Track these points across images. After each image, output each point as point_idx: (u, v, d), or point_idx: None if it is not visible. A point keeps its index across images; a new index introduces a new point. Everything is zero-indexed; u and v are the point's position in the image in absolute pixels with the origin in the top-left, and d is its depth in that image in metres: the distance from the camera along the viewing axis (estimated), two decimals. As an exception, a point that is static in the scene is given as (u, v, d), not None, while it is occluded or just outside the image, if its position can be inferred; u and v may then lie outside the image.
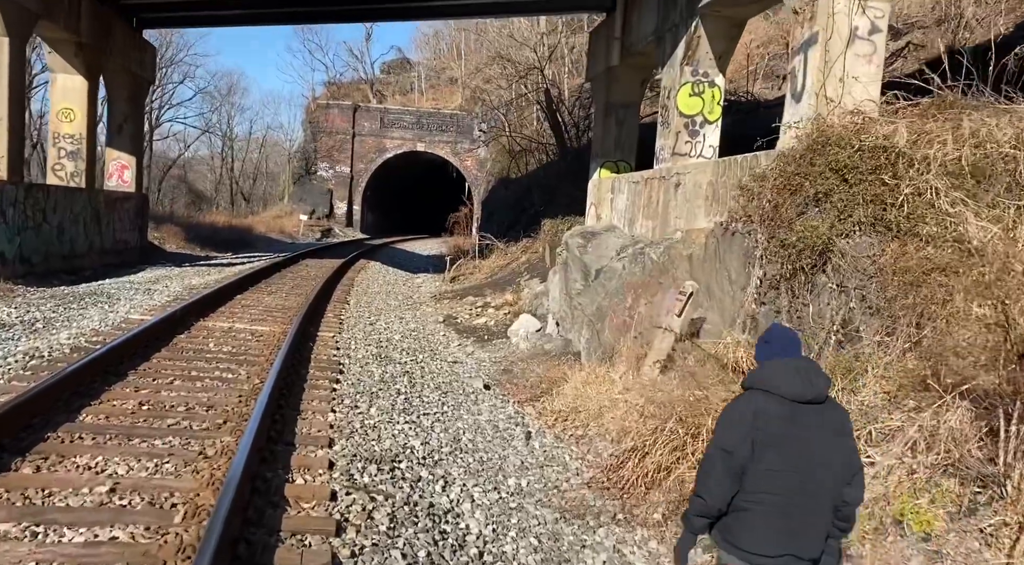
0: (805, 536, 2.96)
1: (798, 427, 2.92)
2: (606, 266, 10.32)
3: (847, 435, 3.06)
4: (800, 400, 2.92)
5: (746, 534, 2.96)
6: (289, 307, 11.59)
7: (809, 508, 2.94)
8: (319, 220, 43.47)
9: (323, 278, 16.11)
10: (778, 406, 2.92)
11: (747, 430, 2.91)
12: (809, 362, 3.09)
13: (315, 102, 51.18)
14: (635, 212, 11.56)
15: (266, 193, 68.64)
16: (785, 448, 2.90)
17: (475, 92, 46.77)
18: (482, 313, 14.32)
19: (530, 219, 21.80)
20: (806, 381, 2.95)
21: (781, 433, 2.90)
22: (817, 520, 2.98)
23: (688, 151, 11.42)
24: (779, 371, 2.97)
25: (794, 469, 2.91)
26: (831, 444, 2.97)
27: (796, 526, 2.93)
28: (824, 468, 2.94)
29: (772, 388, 2.95)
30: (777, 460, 2.90)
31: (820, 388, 2.97)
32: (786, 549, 2.93)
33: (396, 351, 9.77)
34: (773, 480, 2.91)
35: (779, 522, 2.92)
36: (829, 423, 2.98)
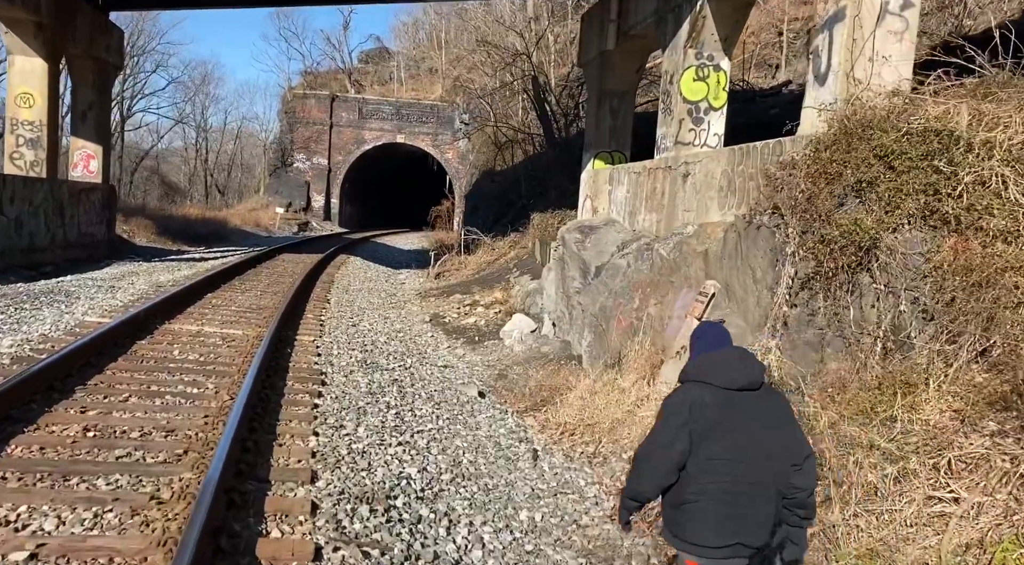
0: (751, 525, 2.94)
1: (734, 415, 2.92)
2: (608, 263, 9.59)
3: (788, 421, 3.06)
4: (734, 387, 2.93)
5: (691, 526, 2.94)
6: (265, 307, 10.74)
7: (752, 496, 2.93)
8: (296, 213, 42.39)
9: (301, 274, 15.24)
10: (713, 396, 2.92)
11: (683, 422, 2.90)
12: (742, 351, 3.11)
13: (291, 92, 50.01)
14: (637, 205, 10.83)
15: (241, 185, 67.32)
16: (723, 437, 2.90)
17: (456, 82, 45.93)
18: (471, 312, 13.55)
19: (517, 213, 21.03)
20: (739, 369, 2.96)
21: (717, 422, 2.90)
22: (762, 508, 2.96)
23: (692, 140, 10.71)
24: (712, 361, 2.99)
25: (734, 457, 2.90)
26: (770, 431, 2.97)
27: (741, 515, 2.92)
28: (765, 455, 2.94)
29: (706, 378, 2.96)
30: (716, 449, 2.89)
31: (754, 374, 2.97)
32: (732, 538, 2.91)
33: (382, 356, 8.98)
34: (714, 470, 2.90)
35: (723, 512, 2.91)
36: (767, 410, 2.99)
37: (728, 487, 2.90)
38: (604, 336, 8.90)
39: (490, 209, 23.39)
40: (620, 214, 11.44)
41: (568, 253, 10.97)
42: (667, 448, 2.91)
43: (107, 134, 20.82)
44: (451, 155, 46.49)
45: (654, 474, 2.96)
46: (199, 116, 62.09)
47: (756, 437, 2.93)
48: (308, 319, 10.16)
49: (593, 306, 9.49)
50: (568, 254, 10.96)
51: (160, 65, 60.12)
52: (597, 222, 11.45)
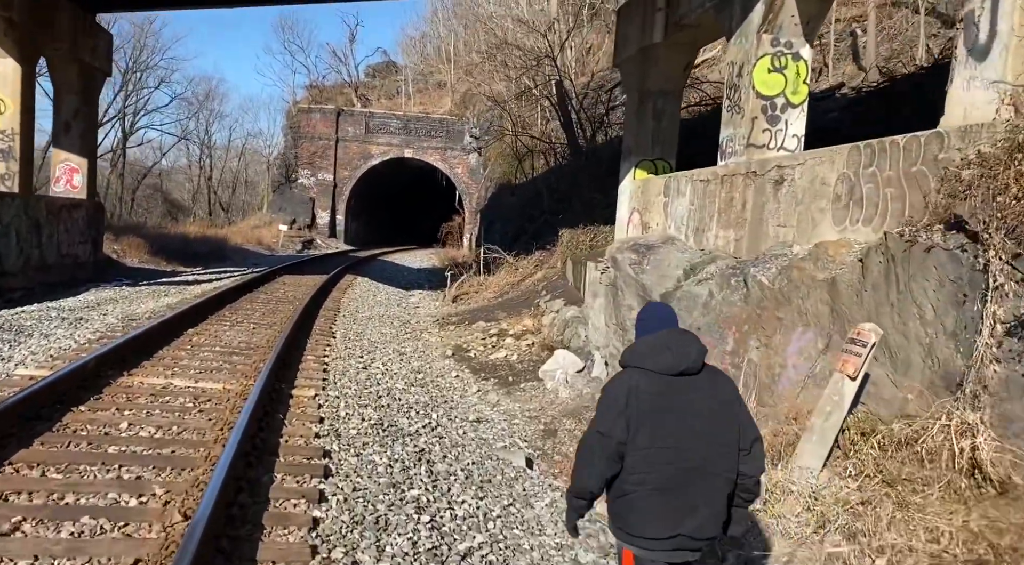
0: (696, 516, 2.78)
1: (673, 401, 2.80)
2: (680, 290, 7.72)
3: (732, 403, 2.90)
4: (672, 373, 2.81)
5: (633, 518, 2.82)
6: (256, 347, 8.86)
7: (696, 485, 2.77)
8: (300, 230, 40.68)
9: (303, 300, 13.40)
10: (649, 382, 2.81)
11: (621, 409, 2.78)
12: (682, 333, 2.95)
13: (296, 106, 48.43)
14: (705, 219, 8.98)
15: (245, 203, 65.93)
16: (660, 424, 2.78)
17: (466, 96, 44.45)
18: (499, 344, 11.68)
19: (539, 228, 19.20)
20: (676, 353, 2.83)
21: (655, 408, 2.78)
22: (707, 498, 2.80)
23: (767, 141, 8.90)
24: (651, 345, 2.87)
25: (671, 445, 2.77)
26: (713, 415, 2.84)
27: (684, 505, 2.77)
28: (707, 441, 2.80)
29: (644, 363, 2.84)
30: (653, 437, 2.77)
31: (692, 358, 2.83)
32: (674, 530, 2.77)
33: (402, 412, 7.10)
34: (653, 458, 2.77)
35: (664, 502, 2.77)
36: (709, 394, 2.87)
37: (667, 476, 2.77)
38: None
39: (509, 224, 21.60)
40: (681, 230, 9.59)
41: (622, 277, 9.11)
42: (606, 437, 2.79)
43: (93, 146, 19.12)
44: (461, 169, 44.93)
45: (595, 466, 2.82)
46: (203, 133, 60.56)
47: (696, 423, 2.80)
48: (308, 362, 8.28)
49: (663, 345, 7.63)
50: (622, 278, 9.11)
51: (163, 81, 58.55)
52: (653, 240, 9.61)
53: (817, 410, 4.74)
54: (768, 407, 5.96)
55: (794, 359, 5.95)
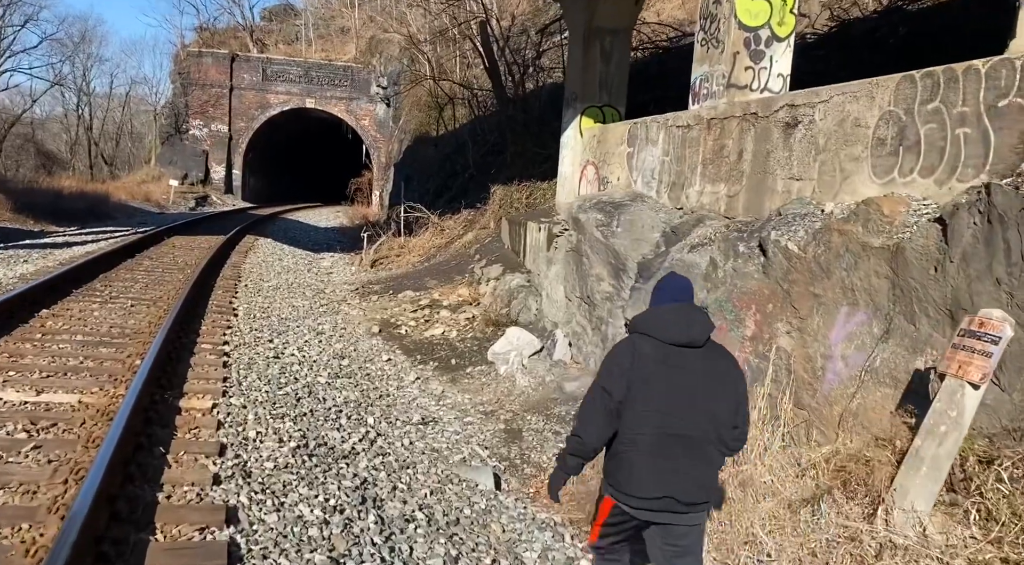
0: (684, 479, 2.86)
1: (673, 369, 2.87)
2: (671, 260, 6.34)
3: (732, 381, 2.98)
4: (676, 343, 2.88)
5: (624, 475, 2.90)
6: (133, 332, 6.95)
7: (685, 451, 2.86)
8: (193, 186, 37.38)
9: (196, 267, 11.38)
10: (653, 348, 2.88)
11: (625, 370, 2.87)
12: (692, 307, 3.04)
13: (185, 50, 44.16)
14: (684, 172, 7.62)
15: (132, 156, 60.86)
16: (658, 389, 2.85)
17: (372, 44, 41.71)
18: (433, 317, 10.10)
19: (465, 185, 17.53)
20: (683, 325, 2.90)
21: (653, 374, 2.85)
22: (694, 463, 2.88)
23: (749, 81, 7.59)
24: (659, 315, 2.95)
25: (666, 411, 2.85)
26: (711, 389, 2.91)
27: (673, 467, 2.85)
28: (701, 411, 2.88)
29: (650, 331, 2.92)
30: (651, 400, 2.85)
31: (696, 332, 2.91)
32: (664, 491, 2.84)
33: (330, 420, 5.48)
34: (645, 421, 2.85)
35: (655, 463, 2.85)
36: (708, 368, 2.93)
37: (657, 440, 2.84)
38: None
39: (429, 180, 19.80)
40: (652, 186, 8.20)
41: (588, 241, 7.68)
42: (607, 394, 2.87)
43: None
44: (367, 121, 42.40)
45: (597, 421, 2.90)
46: (80, 79, 54.95)
47: (691, 393, 2.87)
48: (204, 353, 6.44)
49: (651, 325, 6.27)
50: (588, 242, 7.67)
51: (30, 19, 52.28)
52: (618, 197, 8.19)
53: (924, 430, 3.46)
54: (811, 410, 4.70)
55: (842, 348, 4.69)
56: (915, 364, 4.30)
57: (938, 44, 10.88)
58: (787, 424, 4.73)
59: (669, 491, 2.83)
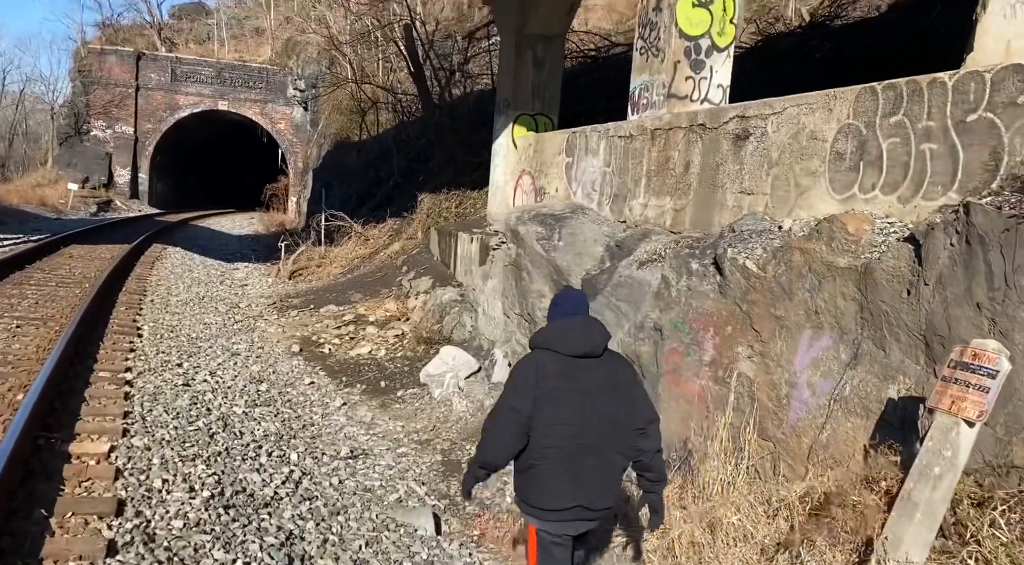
0: (592, 487, 2.94)
1: (575, 381, 2.93)
2: (619, 276, 6.00)
3: (630, 386, 3.07)
4: (575, 355, 2.93)
5: (535, 490, 2.94)
6: (16, 358, 6.07)
7: (592, 459, 2.93)
8: (95, 190, 35.22)
9: (96, 280, 10.42)
10: (555, 362, 2.93)
11: (531, 387, 2.90)
12: (588, 319, 3.08)
13: (86, 47, 41.65)
14: (627, 184, 7.32)
15: (26, 157, 57.21)
16: (561, 402, 2.90)
17: (288, 45, 40.45)
18: (358, 334, 9.50)
19: (390, 192, 16.92)
20: (581, 337, 2.96)
21: (558, 387, 2.90)
22: (603, 471, 2.97)
23: (689, 91, 7.41)
24: (559, 329, 3.01)
25: (573, 421, 2.90)
26: (611, 396, 2.97)
27: (581, 477, 2.92)
28: (604, 419, 2.94)
29: (552, 345, 2.96)
30: (554, 414, 2.89)
31: (595, 343, 2.98)
32: (574, 501, 2.92)
33: (248, 458, 4.87)
34: (555, 433, 2.90)
35: (564, 475, 2.90)
36: (608, 376, 2.99)
37: (566, 451, 2.89)
38: (638, 403, 5.35)
39: (351, 187, 19.04)
40: (593, 198, 7.88)
41: (528, 255, 7.28)
42: (517, 412, 2.89)
43: None
44: (284, 125, 41.02)
45: (506, 440, 2.92)
46: (-33, 73, 51.33)
47: (594, 402, 2.93)
48: (101, 381, 5.69)
49: (599, 347, 5.90)
50: (528, 256, 7.28)
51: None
52: (559, 209, 7.84)
53: (916, 471, 3.18)
54: (776, 442, 4.41)
55: (808, 374, 4.42)
56: (887, 392, 4.06)
57: (863, 60, 11.04)
58: (752, 456, 4.43)
59: (579, 500, 2.92)
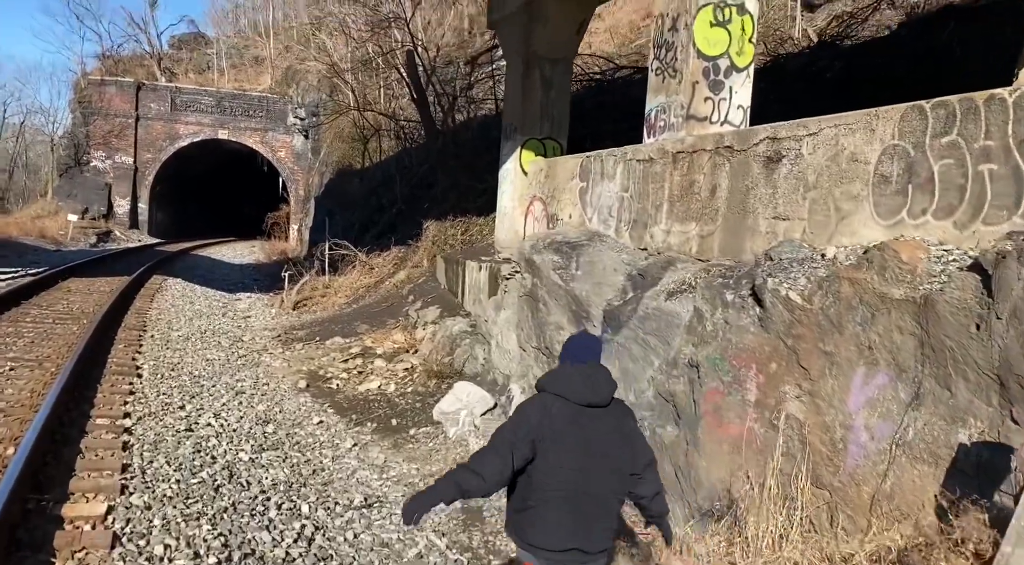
0: (590, 531, 2.98)
1: (581, 428, 2.94)
2: (646, 308, 5.67)
3: (632, 435, 3.11)
4: (583, 403, 2.95)
5: (532, 530, 2.98)
6: (8, 404, 5.73)
7: (592, 505, 2.97)
8: (95, 221, 35.00)
9: (94, 316, 10.08)
10: (563, 408, 2.95)
11: (531, 428, 2.92)
12: (597, 368, 3.07)
13: (86, 78, 41.69)
14: (647, 210, 7.01)
15: (26, 190, 57.14)
16: (567, 447, 2.91)
17: (288, 74, 40.52)
18: (367, 368, 9.15)
19: (393, 220, 16.64)
20: (590, 386, 2.98)
21: (564, 432, 2.92)
22: (601, 517, 3.01)
23: (708, 113, 7.15)
24: (567, 375, 3.02)
25: (576, 467, 2.93)
26: (615, 445, 3.01)
27: (580, 521, 2.95)
28: (607, 468, 2.98)
29: (559, 391, 2.98)
30: (559, 459, 2.91)
31: (603, 393, 3.01)
32: (571, 543, 2.95)
33: (257, 513, 4.50)
34: (556, 477, 2.92)
35: (563, 517, 2.94)
36: (613, 426, 3.03)
37: (569, 495, 2.92)
38: (671, 448, 4.97)
39: (354, 215, 18.78)
40: (610, 224, 7.57)
41: (545, 285, 6.95)
42: (510, 447, 2.90)
43: None
44: (284, 153, 40.92)
45: (493, 464, 2.91)
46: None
47: (599, 451, 2.96)
48: (99, 430, 5.32)
49: (626, 386, 5.54)
50: (545, 287, 6.95)
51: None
52: (574, 236, 7.52)
53: (1013, 533, 2.82)
54: (833, 490, 4.04)
55: (864, 416, 4.07)
56: (957, 437, 3.71)
57: (874, 79, 10.80)
58: (805, 507, 4.07)
59: (577, 544, 2.95)
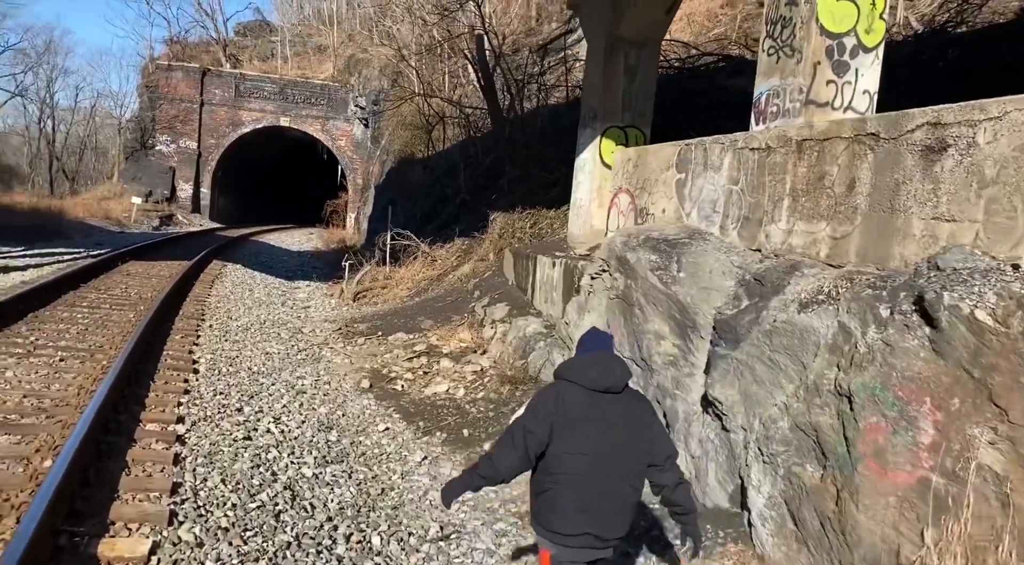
0: (604, 517, 3.01)
1: (595, 413, 3.01)
2: (773, 320, 4.84)
3: (647, 424, 3.14)
4: (597, 389, 3.02)
5: (547, 514, 3.03)
6: (53, 403, 5.21)
7: (606, 490, 3.00)
8: (158, 204, 35.38)
9: (152, 302, 9.67)
10: (577, 394, 3.02)
11: (547, 414, 2.99)
12: (610, 356, 3.15)
13: (154, 63, 42.21)
14: (763, 205, 6.16)
15: (95, 171, 58.46)
16: (581, 432, 2.98)
17: (350, 63, 40.32)
18: (432, 368, 8.50)
19: (457, 211, 16.00)
20: (603, 372, 3.03)
21: (578, 418, 2.99)
22: (615, 503, 3.04)
23: (830, 98, 6.29)
24: (582, 363, 3.10)
25: (589, 452, 2.98)
26: (628, 430, 3.05)
27: (594, 506, 2.99)
28: (621, 453, 3.02)
29: (574, 378, 3.06)
30: (574, 443, 2.97)
31: (616, 379, 3.05)
32: (585, 528, 2.99)
33: (323, 549, 3.86)
34: (571, 462, 2.98)
35: (577, 502, 2.99)
36: (627, 412, 3.07)
37: (583, 480, 2.97)
38: (816, 494, 4.15)
39: (416, 205, 18.23)
40: (714, 221, 6.73)
41: (641, 287, 6.16)
42: (530, 434, 2.98)
43: None
44: (344, 142, 40.83)
45: (514, 456, 3.02)
46: (44, 91, 52.60)
47: (613, 436, 3.00)
48: (148, 438, 4.68)
49: (749, 412, 4.73)
50: (641, 289, 6.16)
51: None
52: (671, 233, 6.71)
53: None
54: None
55: (1086, 471, 3.20)
56: None
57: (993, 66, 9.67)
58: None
59: (590, 528, 2.99)
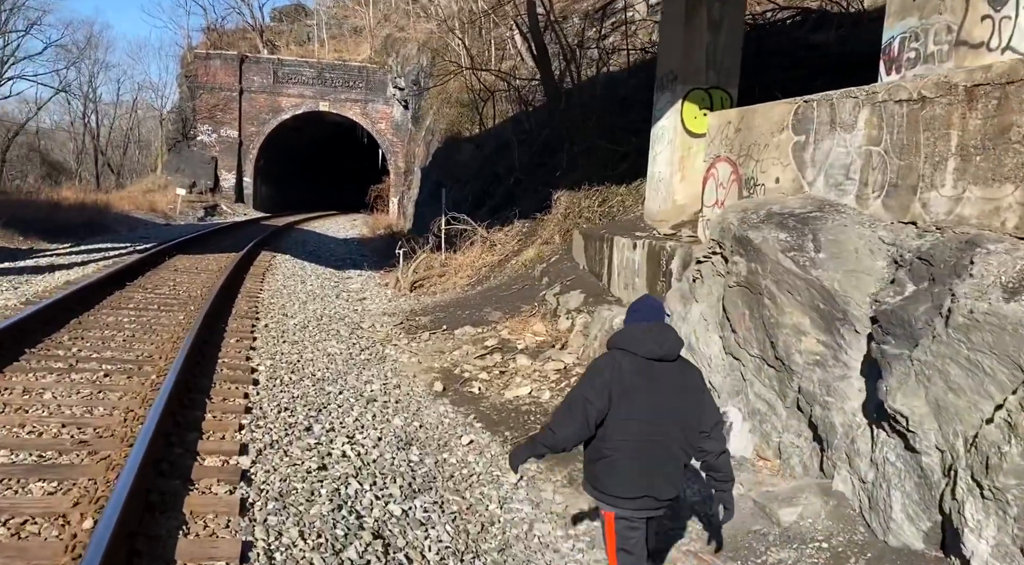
0: (659, 479, 3.16)
1: (649, 381, 3.12)
2: (972, 310, 3.86)
3: (698, 391, 3.28)
4: (652, 357, 3.13)
5: (606, 478, 3.18)
6: (96, 434, 4.42)
7: (660, 454, 3.15)
8: (201, 195, 35.15)
9: (203, 300, 9.00)
10: (632, 363, 3.13)
11: (605, 382, 3.11)
12: (664, 326, 3.28)
13: (192, 52, 41.87)
14: (916, 169, 5.12)
15: (139, 164, 58.81)
16: (637, 399, 3.10)
17: (387, 43, 39.48)
18: (510, 367, 7.66)
19: (511, 191, 15.09)
20: (657, 341, 3.15)
21: (634, 386, 3.11)
22: (669, 466, 3.19)
23: (985, 37, 5.28)
24: (636, 333, 3.21)
25: (645, 419, 3.11)
26: (680, 398, 3.18)
27: (650, 470, 3.13)
28: (673, 419, 3.15)
29: (628, 347, 3.17)
30: (631, 410, 3.10)
31: (669, 348, 3.17)
32: (643, 491, 3.15)
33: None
34: (628, 428, 3.10)
35: (635, 466, 3.12)
36: (680, 380, 3.20)
37: (640, 445, 3.11)
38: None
39: (465, 186, 17.37)
40: (846, 189, 5.70)
41: (768, 271, 5.20)
42: (587, 403, 3.11)
43: None
44: (384, 125, 40.09)
45: (574, 425, 3.13)
46: (86, 85, 52.84)
47: (667, 402, 3.13)
48: (207, 477, 3.78)
49: (945, 429, 3.78)
50: (770, 274, 5.20)
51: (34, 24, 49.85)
52: (796, 206, 5.72)
53: None
54: None
55: None
56: None
57: None
58: None
59: (648, 491, 3.14)
